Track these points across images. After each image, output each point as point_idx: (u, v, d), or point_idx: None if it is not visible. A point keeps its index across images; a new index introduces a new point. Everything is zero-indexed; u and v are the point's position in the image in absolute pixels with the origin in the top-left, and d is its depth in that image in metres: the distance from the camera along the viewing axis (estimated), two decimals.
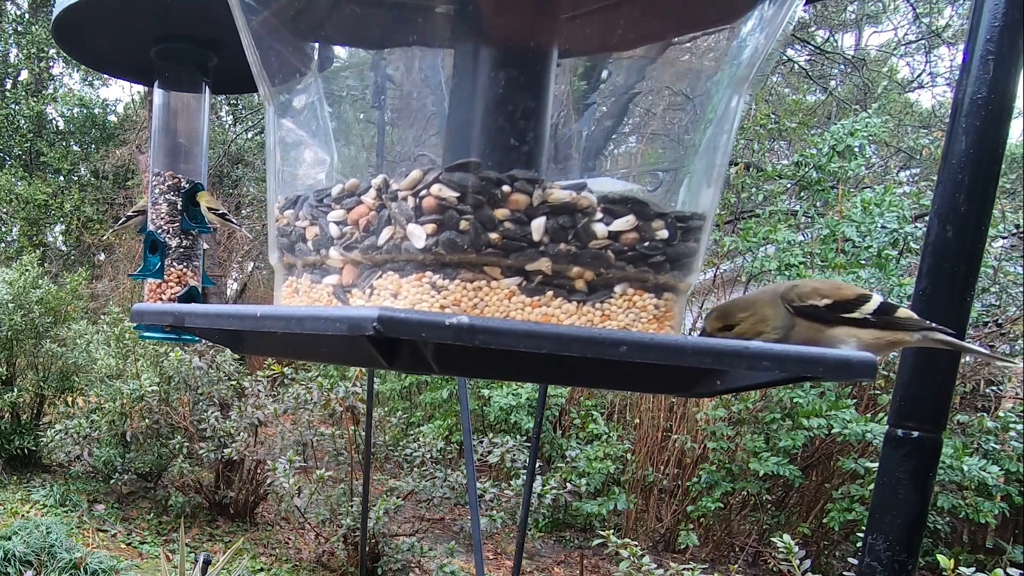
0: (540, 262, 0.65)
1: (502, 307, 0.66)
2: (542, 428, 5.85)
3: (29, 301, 6.12)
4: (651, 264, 0.68)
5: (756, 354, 0.57)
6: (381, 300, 0.68)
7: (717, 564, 5.24)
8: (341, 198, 0.71)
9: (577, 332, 0.57)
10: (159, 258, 1.63)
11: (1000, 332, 5.13)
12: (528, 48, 0.72)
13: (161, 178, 1.66)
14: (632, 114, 0.83)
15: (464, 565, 4.89)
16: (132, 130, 12.89)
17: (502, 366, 0.77)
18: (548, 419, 6.41)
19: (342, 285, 0.72)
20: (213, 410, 5.36)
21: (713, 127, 0.76)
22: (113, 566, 4.08)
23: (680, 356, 0.57)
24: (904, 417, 1.02)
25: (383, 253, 0.68)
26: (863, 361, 0.60)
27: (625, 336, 0.57)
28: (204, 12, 1.41)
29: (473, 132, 0.71)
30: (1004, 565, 3.32)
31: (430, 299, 0.66)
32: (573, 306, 0.66)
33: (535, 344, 0.55)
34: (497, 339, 0.54)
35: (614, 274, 0.67)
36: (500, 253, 0.65)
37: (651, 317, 0.68)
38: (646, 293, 0.68)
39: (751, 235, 5.57)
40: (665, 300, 0.69)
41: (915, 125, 12.02)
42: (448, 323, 0.54)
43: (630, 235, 0.66)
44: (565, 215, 0.65)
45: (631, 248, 0.67)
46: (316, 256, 0.74)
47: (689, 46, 0.79)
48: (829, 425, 4.58)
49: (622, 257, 0.67)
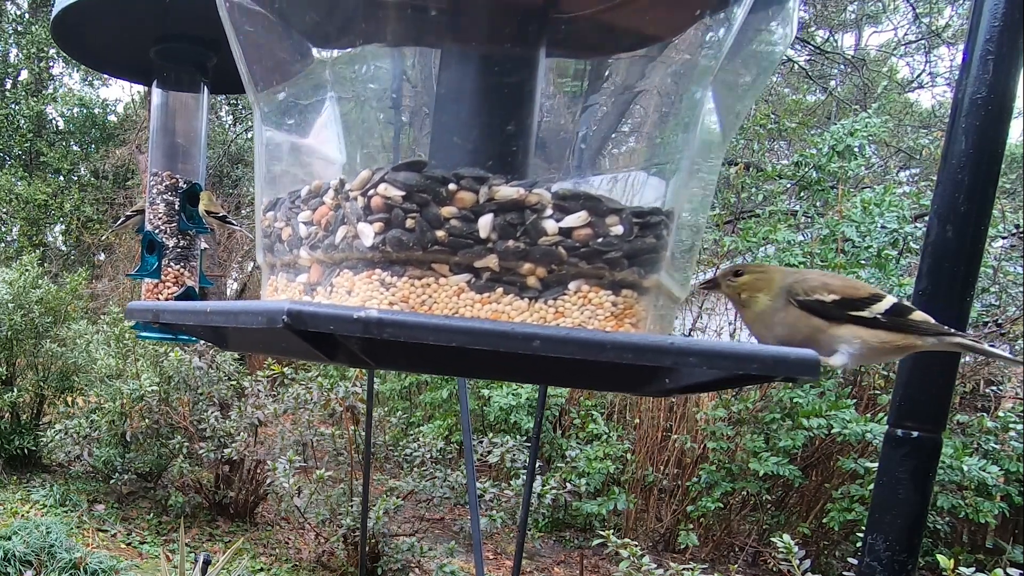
0: (488, 259, 0.65)
1: (451, 304, 0.66)
2: (542, 428, 5.85)
3: (29, 301, 6.12)
4: (606, 260, 0.67)
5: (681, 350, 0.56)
6: (338, 298, 0.69)
7: (717, 564, 5.23)
8: (308, 199, 0.72)
9: (488, 326, 0.57)
10: (156, 258, 1.63)
11: (1000, 332, 5.13)
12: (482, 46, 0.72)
13: (159, 178, 1.66)
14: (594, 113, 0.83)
15: (464, 565, 4.89)
16: (132, 130, 12.89)
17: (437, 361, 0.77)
18: (548, 419, 6.41)
19: (310, 283, 0.73)
20: (213, 410, 5.36)
21: (675, 122, 0.75)
22: (113, 566, 4.08)
23: (599, 351, 0.56)
24: (904, 417, 1.02)
25: (339, 252, 0.69)
26: (802, 359, 0.57)
27: (538, 330, 0.56)
28: (204, 12, 1.41)
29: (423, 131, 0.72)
30: (1004, 565, 3.32)
31: (379, 296, 0.67)
32: (525, 303, 0.66)
33: (445, 338, 0.55)
34: (406, 332, 0.55)
35: (567, 271, 0.66)
36: (447, 250, 0.65)
37: (608, 314, 0.68)
38: (602, 290, 0.67)
39: (751, 235, 5.57)
40: (624, 297, 0.68)
41: (915, 125, 12.03)
42: (356, 316, 0.54)
43: (582, 231, 0.66)
44: (513, 212, 0.65)
45: (584, 244, 0.66)
46: (290, 256, 0.75)
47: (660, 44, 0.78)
48: (829, 425, 4.58)
49: (575, 253, 0.66)
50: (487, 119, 0.72)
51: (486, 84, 0.73)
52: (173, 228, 1.66)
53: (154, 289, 1.65)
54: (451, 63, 0.73)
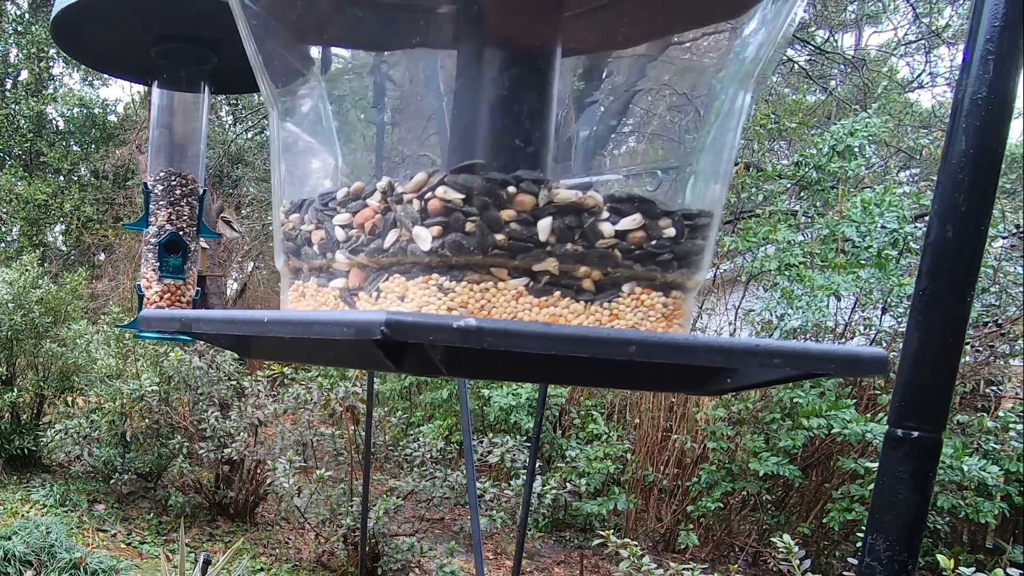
0: (547, 262, 0.65)
1: (509, 308, 0.66)
2: (542, 428, 5.85)
3: (29, 301, 6.12)
4: (658, 262, 0.67)
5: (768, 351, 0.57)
6: (388, 303, 0.68)
7: (717, 564, 5.24)
8: (346, 201, 0.71)
9: (587, 332, 0.57)
10: (180, 259, 1.64)
11: (1000, 332, 5.13)
12: (532, 47, 0.72)
13: (183, 180, 1.67)
14: (635, 113, 0.83)
15: (464, 565, 4.89)
16: (132, 130, 12.89)
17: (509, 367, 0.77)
18: (548, 419, 6.41)
19: (348, 288, 0.72)
20: (213, 410, 5.36)
21: (718, 125, 0.75)
22: (113, 566, 4.08)
23: (691, 355, 0.56)
24: (904, 417, 1.02)
25: (389, 256, 0.68)
26: (875, 357, 0.58)
27: (634, 336, 0.57)
28: (204, 12, 1.41)
29: (478, 133, 0.71)
30: (1004, 565, 3.32)
31: (437, 301, 0.66)
32: (581, 306, 0.66)
33: (545, 345, 0.54)
34: (506, 341, 0.54)
35: (621, 273, 0.67)
36: (507, 254, 0.65)
37: (659, 316, 0.68)
38: (654, 292, 0.68)
39: (751, 235, 5.57)
40: (673, 298, 0.69)
41: (915, 125, 12.02)
42: (456, 326, 0.53)
43: (637, 234, 0.66)
44: (571, 215, 0.65)
45: (638, 247, 0.66)
46: (322, 260, 0.74)
47: (692, 43, 0.78)
48: (829, 425, 4.58)
49: (629, 256, 0.66)
50: (542, 120, 0.72)
51: (544, 84, 0.72)
52: (194, 232, 1.67)
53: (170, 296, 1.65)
54: (501, 64, 0.72)
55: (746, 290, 6.44)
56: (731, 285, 6.68)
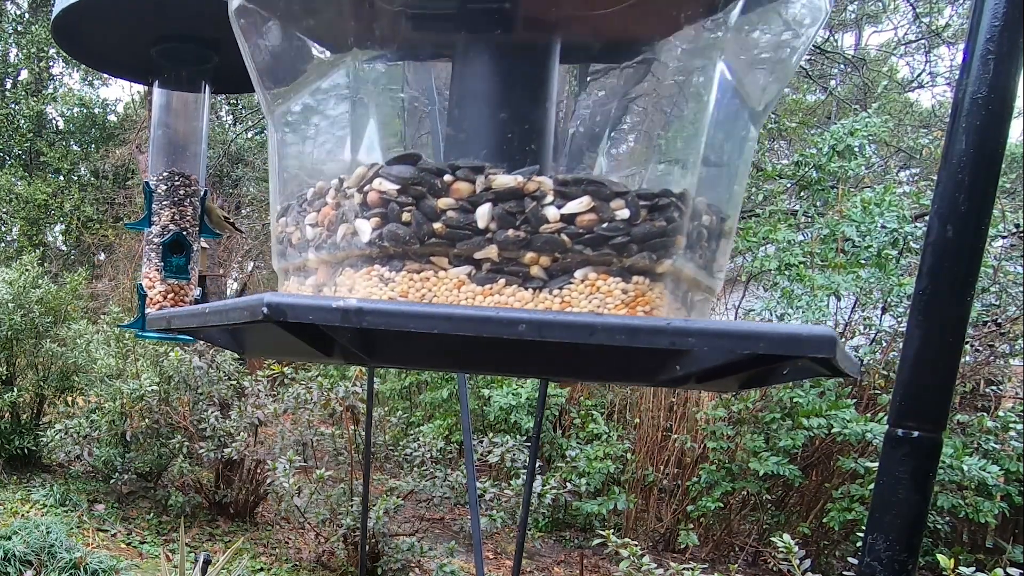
0: (488, 249, 0.64)
1: (451, 296, 0.65)
2: (542, 428, 5.85)
3: (29, 301, 6.12)
4: (612, 246, 0.64)
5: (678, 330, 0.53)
6: None
7: (717, 564, 5.23)
8: (313, 200, 0.72)
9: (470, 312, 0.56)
10: (184, 259, 1.64)
11: (1000, 332, 5.13)
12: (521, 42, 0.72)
13: (186, 180, 1.67)
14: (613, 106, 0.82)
15: (464, 565, 4.89)
16: (132, 130, 12.89)
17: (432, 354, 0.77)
18: (548, 419, 6.41)
19: (318, 285, 0.73)
20: (213, 410, 5.36)
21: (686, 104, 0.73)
22: (113, 566, 4.08)
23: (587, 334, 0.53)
24: (904, 417, 1.02)
25: (341, 250, 0.69)
26: (817, 336, 0.53)
27: (522, 314, 0.55)
28: (204, 12, 1.41)
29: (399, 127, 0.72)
30: (1004, 565, 3.32)
31: (379, 292, 0.66)
32: (529, 293, 0.65)
33: (426, 324, 0.54)
34: (386, 320, 0.54)
35: (572, 258, 0.65)
36: (445, 242, 0.64)
37: (619, 303, 0.66)
38: (611, 277, 0.65)
39: (751, 235, 5.57)
40: (635, 284, 0.66)
41: (915, 125, 12.02)
42: (335, 306, 0.54)
43: (586, 216, 0.64)
44: (512, 200, 0.64)
45: (587, 230, 0.64)
46: (300, 259, 0.75)
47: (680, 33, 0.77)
48: (829, 425, 4.57)
49: (579, 240, 0.64)
50: (485, 110, 0.71)
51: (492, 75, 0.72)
52: (196, 232, 1.67)
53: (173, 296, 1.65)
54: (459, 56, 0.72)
55: (746, 290, 6.44)
56: (731, 285, 6.68)
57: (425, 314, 0.55)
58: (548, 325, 0.54)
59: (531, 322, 0.54)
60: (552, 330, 0.54)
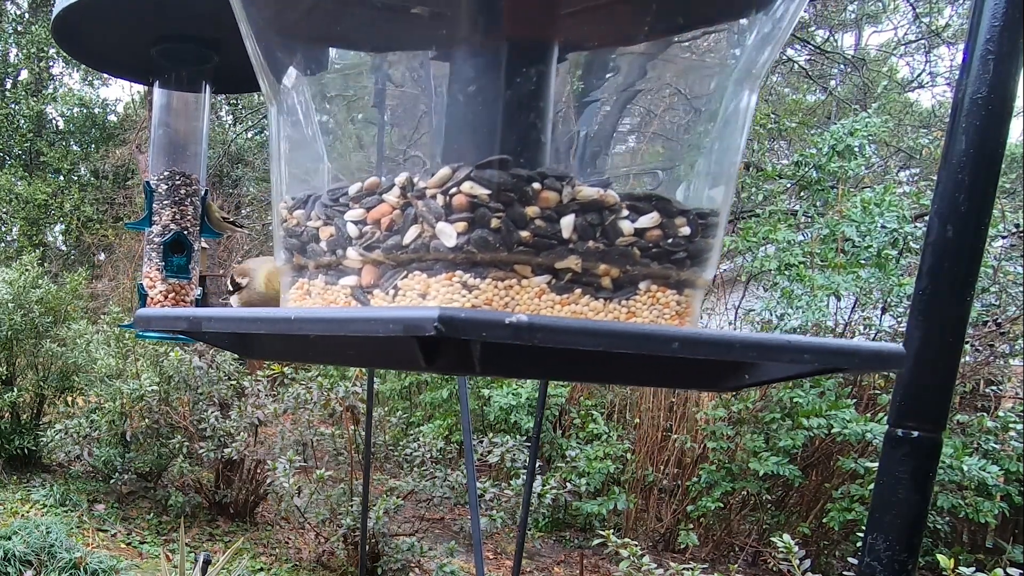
0: (569, 260, 0.65)
1: (532, 305, 0.65)
2: (542, 428, 5.85)
3: (29, 301, 6.12)
4: (673, 261, 0.68)
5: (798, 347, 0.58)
6: (407, 300, 0.67)
7: (717, 564, 5.24)
8: (360, 197, 0.70)
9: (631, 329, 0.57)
10: (185, 259, 1.64)
11: (1000, 332, 5.13)
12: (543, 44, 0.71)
13: (187, 180, 1.67)
14: (637, 112, 0.82)
15: (464, 565, 4.89)
16: (132, 130, 12.90)
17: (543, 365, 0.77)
18: (548, 419, 6.41)
19: (361, 286, 0.70)
20: (213, 410, 5.36)
21: (724, 125, 0.75)
22: (113, 566, 4.08)
23: (727, 351, 0.57)
24: (904, 417, 1.02)
25: (409, 252, 0.67)
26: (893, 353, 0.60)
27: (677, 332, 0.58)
28: (204, 11, 1.41)
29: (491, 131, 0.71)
30: (1004, 565, 3.32)
31: (461, 298, 0.65)
32: (600, 303, 0.66)
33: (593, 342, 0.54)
34: (555, 337, 0.54)
35: (639, 271, 0.67)
36: (531, 251, 0.64)
37: (673, 313, 0.69)
38: (668, 289, 0.68)
39: (751, 235, 5.57)
40: (686, 296, 0.70)
41: (915, 125, 12.02)
42: (508, 322, 0.53)
43: (654, 232, 0.67)
44: (593, 212, 0.65)
45: (655, 245, 0.67)
46: (331, 257, 0.72)
47: (695, 43, 0.78)
48: (829, 425, 4.58)
49: (647, 254, 0.67)
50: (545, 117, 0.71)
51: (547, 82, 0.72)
52: (197, 231, 1.67)
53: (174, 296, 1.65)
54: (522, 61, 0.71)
55: (746, 290, 6.44)
56: (731, 285, 6.69)
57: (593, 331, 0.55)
58: (698, 343, 0.57)
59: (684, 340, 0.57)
60: (701, 347, 0.57)
